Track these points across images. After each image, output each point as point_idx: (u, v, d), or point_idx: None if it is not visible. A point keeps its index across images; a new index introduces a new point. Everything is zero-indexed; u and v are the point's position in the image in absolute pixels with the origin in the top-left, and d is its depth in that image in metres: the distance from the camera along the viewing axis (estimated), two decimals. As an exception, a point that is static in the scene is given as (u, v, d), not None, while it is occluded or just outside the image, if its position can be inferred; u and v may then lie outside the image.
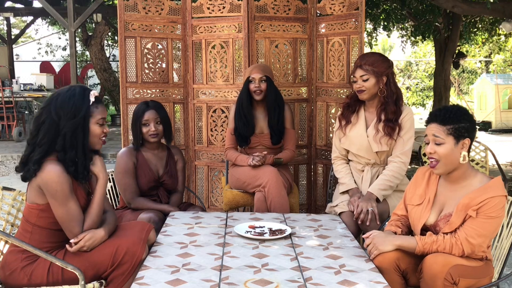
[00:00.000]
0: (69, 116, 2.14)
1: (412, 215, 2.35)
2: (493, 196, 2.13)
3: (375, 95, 3.00)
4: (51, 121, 2.14)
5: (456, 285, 2.08)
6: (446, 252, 2.13)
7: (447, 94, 8.21)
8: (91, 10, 8.29)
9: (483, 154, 4.31)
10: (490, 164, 4.38)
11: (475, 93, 14.35)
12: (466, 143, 2.19)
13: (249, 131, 3.52)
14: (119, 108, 11.02)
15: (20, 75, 14.34)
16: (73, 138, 2.15)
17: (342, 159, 3.21)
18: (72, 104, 2.15)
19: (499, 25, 8.39)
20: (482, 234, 2.12)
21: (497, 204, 2.12)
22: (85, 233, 2.17)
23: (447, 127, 2.17)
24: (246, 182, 3.40)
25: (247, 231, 2.55)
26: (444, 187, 2.31)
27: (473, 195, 2.16)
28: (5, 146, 9.15)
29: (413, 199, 2.36)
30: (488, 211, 2.12)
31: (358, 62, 3.01)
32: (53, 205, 2.13)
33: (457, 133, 2.17)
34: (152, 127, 3.09)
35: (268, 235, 2.47)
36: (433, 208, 2.30)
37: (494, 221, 2.13)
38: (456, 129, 2.17)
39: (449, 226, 2.19)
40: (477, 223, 2.13)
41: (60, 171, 2.11)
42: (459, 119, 2.18)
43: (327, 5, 4.04)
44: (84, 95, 2.19)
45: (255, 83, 3.47)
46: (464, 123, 2.18)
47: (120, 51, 3.95)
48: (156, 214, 2.98)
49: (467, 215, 2.16)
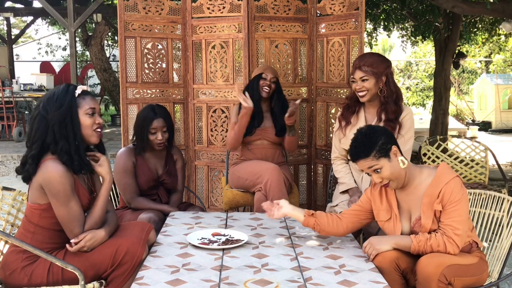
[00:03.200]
0: (55, 108, 2.17)
1: (386, 231, 2.37)
2: (446, 182, 2.18)
3: (376, 95, 3.00)
4: (40, 117, 2.18)
5: (452, 286, 2.09)
6: (441, 249, 2.14)
7: (447, 94, 8.20)
8: (91, 10, 8.28)
9: (483, 154, 4.32)
10: (490, 164, 4.38)
11: (475, 93, 14.34)
12: (394, 150, 2.22)
13: (258, 120, 3.54)
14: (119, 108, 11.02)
15: (20, 75, 14.33)
16: (62, 128, 2.16)
17: (342, 159, 3.21)
18: (56, 97, 2.19)
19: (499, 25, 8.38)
20: (460, 220, 2.16)
21: (454, 187, 2.17)
22: (85, 233, 2.17)
23: (372, 154, 2.20)
24: (248, 179, 3.41)
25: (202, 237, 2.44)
26: (402, 194, 2.33)
27: (429, 190, 2.21)
28: (5, 146, 9.14)
29: (380, 215, 2.37)
30: (451, 197, 2.16)
31: (357, 63, 2.99)
32: (54, 205, 2.13)
33: (383, 152, 2.20)
34: (160, 135, 3.06)
35: (217, 245, 2.34)
36: (403, 218, 2.32)
37: (463, 204, 2.18)
38: (380, 150, 2.20)
39: (424, 228, 2.22)
40: (451, 213, 2.16)
41: (63, 171, 2.11)
42: (372, 142, 2.21)
43: (327, 5, 4.04)
44: (68, 89, 2.22)
45: (267, 80, 3.54)
46: (379, 141, 2.21)
47: (120, 51, 3.95)
48: (156, 214, 2.98)
49: (435, 211, 2.19)
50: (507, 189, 4.15)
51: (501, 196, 2.55)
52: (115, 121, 12.98)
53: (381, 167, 2.21)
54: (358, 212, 2.44)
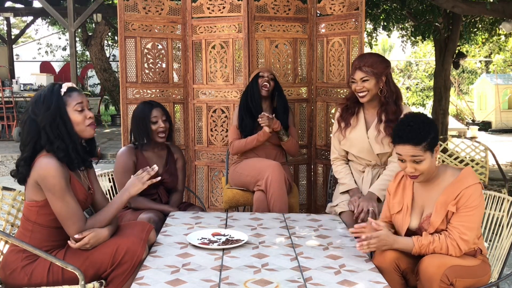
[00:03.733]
0: (43, 110, 2.17)
1: (395, 223, 2.37)
2: (467, 187, 2.15)
3: (376, 95, 2.99)
4: (30, 120, 2.18)
5: (453, 286, 2.09)
6: (443, 252, 2.14)
7: (447, 94, 8.20)
8: (91, 10, 8.29)
9: (483, 154, 4.31)
10: (490, 164, 4.38)
11: (475, 93, 14.34)
12: (437, 147, 2.23)
13: (257, 123, 3.54)
14: (119, 108, 11.02)
15: (20, 75, 14.34)
16: (53, 129, 2.16)
17: (342, 159, 3.21)
18: (43, 99, 2.19)
19: (499, 25, 8.38)
20: (470, 227, 2.14)
21: (473, 193, 2.15)
22: (89, 231, 2.18)
23: (423, 145, 2.18)
24: (249, 176, 3.41)
25: (202, 237, 2.44)
26: (419, 189, 2.33)
27: (448, 190, 2.19)
28: (5, 146, 9.14)
29: (393, 207, 2.38)
30: (467, 202, 2.14)
31: (356, 64, 2.98)
32: (51, 200, 2.13)
33: (431, 146, 2.20)
34: (161, 123, 3.12)
35: (217, 245, 2.34)
36: (413, 213, 2.31)
37: (477, 211, 2.16)
38: (430, 143, 2.19)
39: (432, 226, 2.21)
40: (463, 217, 2.14)
41: (57, 165, 2.12)
42: (427, 132, 2.19)
43: (327, 5, 4.04)
44: (53, 89, 2.22)
45: (265, 78, 3.58)
46: (432, 133, 2.20)
47: (120, 51, 3.95)
48: (156, 214, 2.97)
49: (448, 211, 2.18)
50: (507, 189, 4.14)
51: (501, 196, 2.55)
52: (115, 121, 12.99)
53: (423, 160, 2.18)
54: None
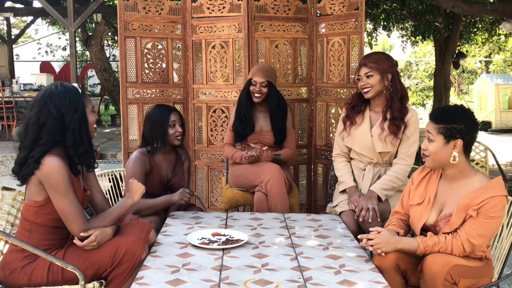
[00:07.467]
0: (72, 111, 2.17)
1: (412, 215, 2.35)
2: (493, 196, 2.12)
3: (381, 92, 3.01)
4: (53, 121, 2.14)
5: (456, 285, 2.08)
6: (448, 252, 2.14)
7: (447, 94, 8.21)
8: (91, 10, 8.28)
9: (483, 154, 4.31)
10: (490, 164, 4.38)
11: (475, 93, 14.34)
12: (458, 144, 2.18)
13: (248, 129, 3.53)
14: (119, 108, 11.01)
15: (20, 75, 14.33)
16: (82, 131, 2.20)
17: (343, 156, 3.21)
18: (69, 99, 2.18)
19: (499, 25, 8.39)
20: (483, 234, 2.12)
21: (497, 204, 2.12)
22: (95, 229, 2.18)
23: (439, 126, 2.20)
24: (248, 178, 3.40)
25: (202, 237, 2.44)
26: (444, 186, 2.31)
27: (473, 195, 2.16)
28: (5, 146, 9.14)
29: (414, 198, 2.37)
30: (489, 211, 2.12)
31: (362, 61, 3.05)
32: (54, 197, 2.13)
33: (447, 133, 2.18)
34: (179, 128, 3.10)
35: (217, 245, 2.34)
36: (433, 208, 2.30)
37: (495, 221, 2.13)
38: (447, 129, 2.18)
39: (449, 226, 2.19)
40: (478, 223, 2.12)
41: (60, 163, 2.12)
42: (453, 120, 2.18)
43: (327, 5, 4.04)
44: (76, 90, 2.23)
45: (256, 86, 3.47)
46: (457, 124, 2.17)
47: (120, 51, 3.95)
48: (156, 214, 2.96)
49: (467, 215, 2.15)
50: (507, 189, 4.14)
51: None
52: (115, 121, 12.98)
53: (433, 140, 2.21)
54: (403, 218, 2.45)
